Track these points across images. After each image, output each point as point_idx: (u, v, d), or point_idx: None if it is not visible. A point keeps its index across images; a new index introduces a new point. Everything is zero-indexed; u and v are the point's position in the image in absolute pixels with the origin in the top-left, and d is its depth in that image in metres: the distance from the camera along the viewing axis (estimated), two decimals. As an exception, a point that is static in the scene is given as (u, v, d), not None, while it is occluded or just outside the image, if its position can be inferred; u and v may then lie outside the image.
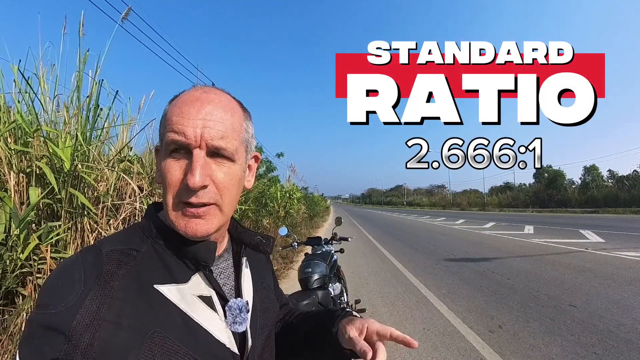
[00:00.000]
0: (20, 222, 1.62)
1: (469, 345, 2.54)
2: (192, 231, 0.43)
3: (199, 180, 0.41)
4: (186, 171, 0.42)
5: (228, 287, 0.51)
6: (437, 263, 5.81)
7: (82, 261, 0.40)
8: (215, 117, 0.44)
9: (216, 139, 0.43)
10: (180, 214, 0.44)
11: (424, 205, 61.96)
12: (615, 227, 11.05)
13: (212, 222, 0.45)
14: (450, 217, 21.35)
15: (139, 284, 0.41)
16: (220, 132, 0.43)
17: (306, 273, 1.85)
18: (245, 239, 0.56)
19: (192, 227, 0.43)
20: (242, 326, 0.48)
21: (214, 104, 0.44)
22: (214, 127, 0.43)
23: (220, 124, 0.44)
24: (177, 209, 0.44)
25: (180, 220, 0.44)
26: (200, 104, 0.44)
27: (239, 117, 0.48)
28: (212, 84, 1.22)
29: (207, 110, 0.43)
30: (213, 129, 0.43)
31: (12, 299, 1.75)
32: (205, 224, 0.44)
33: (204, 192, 0.43)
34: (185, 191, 0.42)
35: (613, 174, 33.42)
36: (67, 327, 0.35)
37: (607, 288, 3.90)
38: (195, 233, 0.43)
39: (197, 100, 0.44)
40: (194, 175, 0.41)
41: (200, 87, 0.47)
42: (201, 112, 0.43)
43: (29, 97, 2.09)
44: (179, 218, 0.44)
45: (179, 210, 0.44)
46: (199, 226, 0.44)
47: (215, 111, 0.44)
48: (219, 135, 0.43)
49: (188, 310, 0.43)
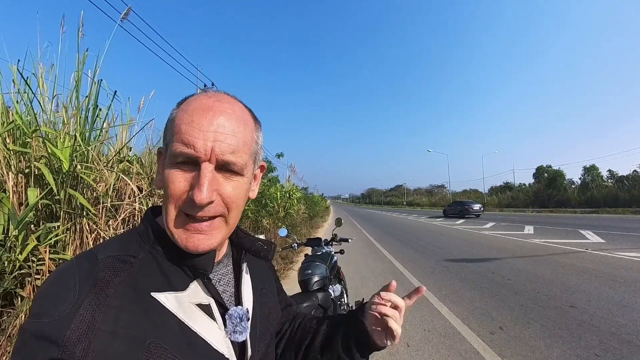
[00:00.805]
0: (18, 223, 1.61)
1: (470, 347, 2.53)
2: (193, 246, 0.42)
3: (206, 196, 0.39)
4: (192, 184, 0.40)
5: (227, 294, 0.50)
6: (438, 263, 5.80)
7: (77, 268, 0.39)
8: (228, 129, 0.41)
9: (227, 153, 0.41)
10: (182, 226, 0.42)
11: (424, 205, 61.88)
12: (615, 227, 11.04)
13: (216, 237, 0.43)
14: (450, 217, 21.34)
15: (135, 292, 0.39)
16: (231, 146, 0.41)
17: (306, 275, 1.83)
18: (246, 244, 0.55)
19: (193, 242, 0.42)
20: (243, 335, 0.47)
21: (226, 115, 0.42)
22: (225, 140, 0.41)
23: (232, 137, 0.42)
24: (179, 221, 0.42)
25: (182, 234, 0.42)
26: (212, 114, 0.41)
27: (250, 130, 0.46)
28: (211, 84, 1.20)
29: (219, 122, 0.41)
30: (224, 142, 0.41)
31: (10, 300, 1.74)
32: (208, 240, 0.42)
33: (210, 206, 0.41)
34: (190, 205, 0.41)
35: (613, 174, 33.43)
36: (61, 336, 0.34)
37: (608, 289, 3.89)
38: (197, 248, 0.42)
39: (209, 110, 0.41)
40: (202, 191, 0.39)
41: (212, 93, 0.45)
42: (213, 123, 0.41)
43: (27, 97, 2.08)
44: (180, 231, 0.42)
45: (180, 223, 0.42)
46: (201, 241, 0.42)
47: (228, 123, 0.42)
48: (230, 149, 0.41)
49: (186, 319, 0.42)
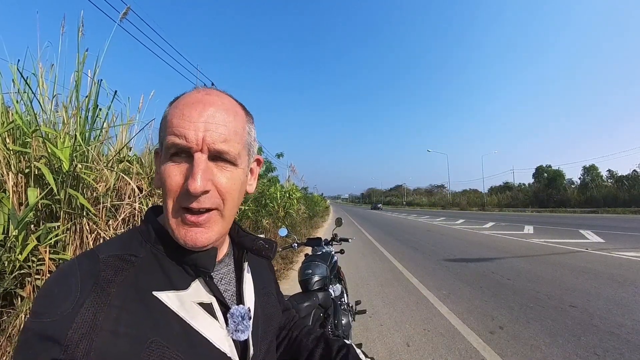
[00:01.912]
0: (18, 223, 1.61)
1: (470, 346, 2.53)
2: (191, 241, 0.42)
3: (201, 185, 0.40)
4: (187, 176, 0.41)
5: (229, 293, 0.50)
6: (437, 263, 5.80)
7: (78, 267, 0.39)
8: (218, 119, 0.42)
9: (218, 142, 0.42)
10: (180, 221, 0.42)
11: (423, 205, 61.97)
12: (615, 227, 11.05)
13: (213, 229, 0.44)
14: (450, 217, 21.35)
15: (137, 291, 0.39)
16: (222, 135, 0.42)
17: (307, 275, 1.83)
18: (247, 243, 0.55)
19: (191, 237, 0.42)
20: (244, 334, 0.47)
21: (216, 106, 0.43)
22: (216, 130, 0.42)
23: (223, 127, 0.42)
24: (177, 216, 0.42)
25: (180, 229, 0.42)
26: (202, 106, 0.42)
27: (241, 120, 0.46)
28: (211, 84, 1.20)
29: (209, 113, 0.42)
30: (215, 132, 0.42)
31: (10, 301, 1.74)
32: (206, 233, 0.43)
33: (206, 197, 0.42)
34: (186, 196, 0.41)
35: (612, 174, 33.47)
36: (63, 336, 0.34)
37: (608, 288, 3.89)
38: (195, 243, 0.42)
39: (198, 103, 0.43)
40: (195, 180, 0.39)
41: (201, 89, 0.46)
42: (203, 114, 0.42)
43: (27, 97, 2.08)
44: (179, 226, 0.42)
45: (179, 217, 0.42)
46: (199, 235, 0.42)
47: (218, 114, 0.43)
48: (221, 138, 0.42)
49: (188, 317, 0.42)
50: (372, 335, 2.78)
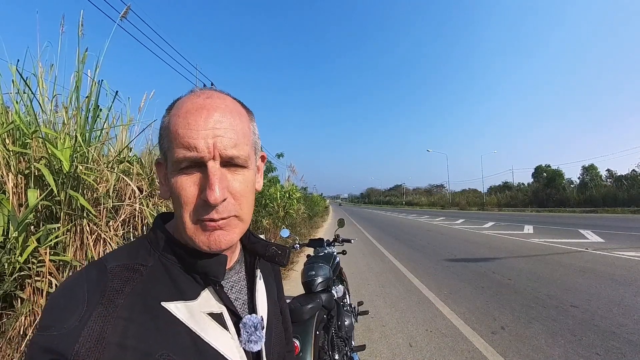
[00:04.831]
0: (18, 224, 1.59)
1: (472, 346, 2.53)
2: (216, 245, 0.41)
3: (220, 195, 0.39)
4: (201, 186, 0.40)
5: (240, 302, 0.49)
6: (438, 263, 5.81)
7: (85, 278, 0.38)
8: (225, 124, 0.41)
9: (229, 148, 0.40)
10: (200, 228, 0.41)
11: (423, 205, 62.00)
12: (615, 227, 11.07)
13: (234, 231, 0.43)
14: (449, 217, 21.35)
15: (145, 302, 0.38)
16: (232, 140, 0.41)
17: (310, 276, 1.82)
18: (259, 249, 0.53)
19: (215, 240, 0.41)
20: (258, 345, 0.45)
21: (220, 110, 0.41)
22: (225, 135, 0.40)
23: (231, 131, 0.41)
24: (197, 225, 0.41)
25: (201, 235, 0.41)
26: (206, 112, 0.40)
27: (246, 120, 0.45)
28: (211, 84, 1.18)
29: (215, 119, 0.40)
30: (225, 137, 0.40)
31: (10, 303, 1.72)
32: (228, 235, 0.42)
33: (224, 205, 0.40)
34: (204, 207, 0.40)
35: (612, 173, 33.51)
36: (70, 350, 0.33)
37: (608, 288, 3.90)
38: (220, 246, 0.41)
39: (202, 109, 0.41)
40: (214, 190, 0.38)
41: (200, 91, 0.44)
42: (209, 121, 0.40)
43: (27, 97, 2.06)
44: (199, 233, 0.41)
45: (199, 226, 0.41)
46: (222, 237, 0.41)
47: (224, 118, 0.41)
48: (231, 143, 0.41)
49: (197, 329, 0.40)
50: (374, 336, 2.78)
